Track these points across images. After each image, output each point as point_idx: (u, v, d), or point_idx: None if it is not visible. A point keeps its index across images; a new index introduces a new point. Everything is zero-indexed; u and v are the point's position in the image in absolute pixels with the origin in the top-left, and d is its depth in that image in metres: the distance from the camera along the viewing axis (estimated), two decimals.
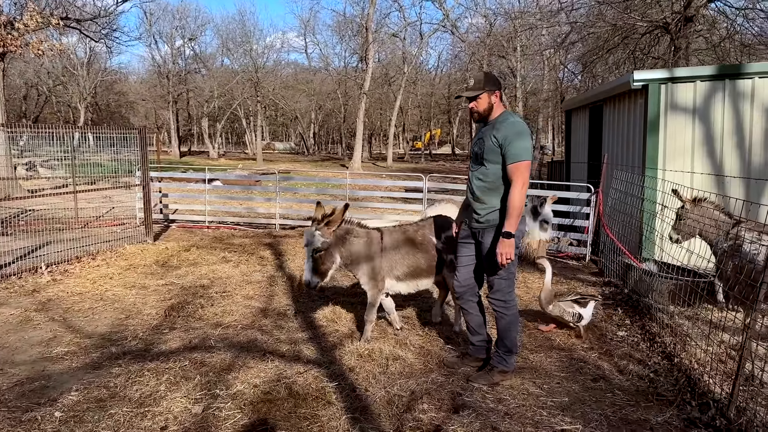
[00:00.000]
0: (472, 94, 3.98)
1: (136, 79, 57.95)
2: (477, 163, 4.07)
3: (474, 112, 4.05)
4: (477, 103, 4.00)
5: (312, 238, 4.42)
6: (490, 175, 3.98)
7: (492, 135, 3.91)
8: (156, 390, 3.89)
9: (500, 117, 4.00)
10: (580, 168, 12.43)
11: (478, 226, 4.10)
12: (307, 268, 4.46)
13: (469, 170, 4.21)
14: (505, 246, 3.83)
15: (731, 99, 7.75)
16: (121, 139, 9.46)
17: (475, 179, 4.07)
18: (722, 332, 4.89)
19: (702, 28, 18.11)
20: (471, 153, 4.21)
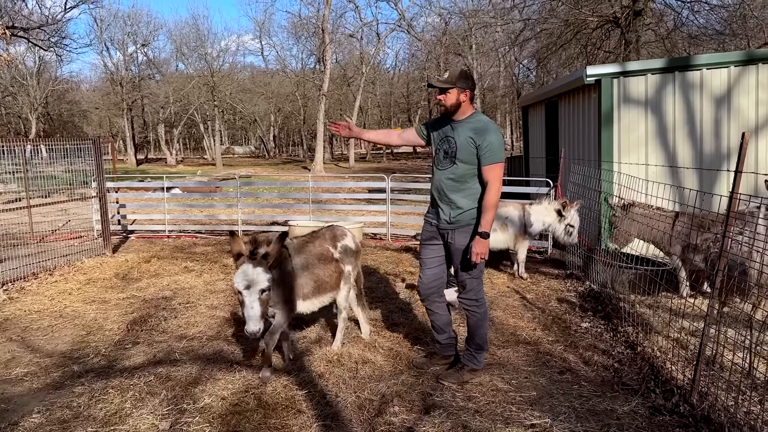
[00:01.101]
0: (442, 86, 3.90)
1: (88, 87, 56.60)
2: (447, 163, 3.99)
3: (441, 105, 3.99)
4: (445, 97, 3.92)
5: (257, 277, 3.68)
6: (462, 175, 3.94)
7: (468, 135, 3.89)
8: (121, 408, 3.80)
9: (473, 118, 3.97)
10: (538, 163, 12.62)
11: (448, 227, 4.05)
12: (253, 315, 3.65)
13: (434, 169, 4.11)
14: (482, 245, 3.87)
15: (682, 91, 7.98)
16: (75, 150, 9.22)
17: (444, 179, 4.00)
18: (682, 319, 5.03)
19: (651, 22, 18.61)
20: (435, 152, 4.12)
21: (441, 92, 3.92)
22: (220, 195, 13.16)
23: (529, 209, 7.37)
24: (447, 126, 4.04)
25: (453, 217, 4.01)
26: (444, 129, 4.06)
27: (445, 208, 4.03)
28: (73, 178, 9.99)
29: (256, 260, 3.75)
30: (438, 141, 4.10)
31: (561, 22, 18.05)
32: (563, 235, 7.26)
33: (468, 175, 3.94)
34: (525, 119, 14.78)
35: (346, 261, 4.73)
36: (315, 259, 4.46)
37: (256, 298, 3.67)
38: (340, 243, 4.73)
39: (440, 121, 4.13)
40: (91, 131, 54.21)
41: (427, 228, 4.24)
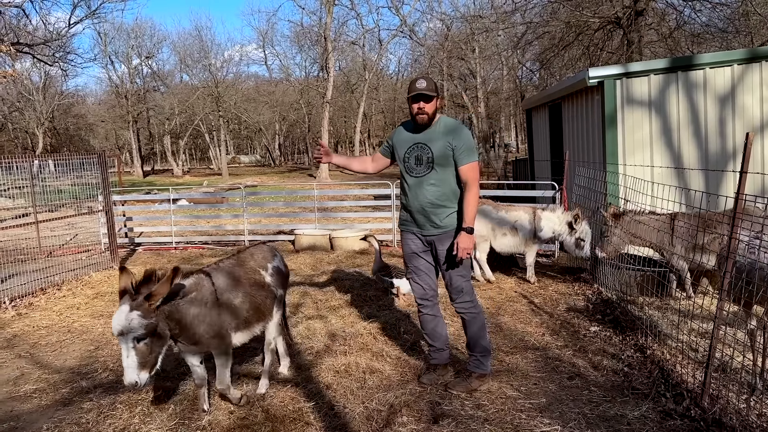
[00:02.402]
0: (432, 94, 3.87)
1: (93, 100, 57.00)
2: (423, 169, 3.97)
3: (424, 112, 3.90)
4: (429, 106, 3.90)
5: (129, 324, 3.13)
6: (443, 179, 3.96)
7: (443, 139, 3.91)
8: (129, 423, 3.80)
9: (442, 121, 4.00)
10: (543, 166, 12.59)
11: (437, 232, 4.04)
12: (129, 365, 3.17)
13: (407, 178, 4.06)
14: (468, 240, 3.89)
15: (685, 90, 7.94)
16: (81, 163, 9.28)
17: (428, 186, 3.97)
18: (691, 321, 4.99)
19: (653, 21, 18.55)
20: (404, 160, 4.05)
21: (426, 100, 3.88)
22: (226, 205, 13.20)
23: (540, 214, 7.31)
24: (414, 133, 4.03)
25: (441, 221, 4.01)
26: (411, 136, 4.05)
27: (430, 215, 4.00)
28: (80, 192, 10.06)
29: (136, 302, 3.19)
30: (406, 150, 4.05)
31: (563, 24, 18.04)
32: (574, 248, 7.18)
33: (448, 178, 3.97)
34: (529, 122, 14.76)
35: (279, 284, 4.32)
36: (245, 285, 3.95)
37: (130, 347, 3.17)
38: (271, 264, 4.29)
39: (402, 131, 4.13)
40: (97, 144, 54.54)
41: (411, 239, 4.18)
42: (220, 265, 3.98)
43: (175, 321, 3.41)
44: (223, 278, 3.82)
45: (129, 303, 3.19)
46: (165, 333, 3.35)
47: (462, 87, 38.68)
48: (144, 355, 3.21)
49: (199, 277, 3.67)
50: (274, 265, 4.30)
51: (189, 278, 3.59)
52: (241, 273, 3.99)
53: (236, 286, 3.86)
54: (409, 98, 3.94)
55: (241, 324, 3.86)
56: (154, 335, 3.25)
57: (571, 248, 7.22)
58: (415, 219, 4.08)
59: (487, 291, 6.88)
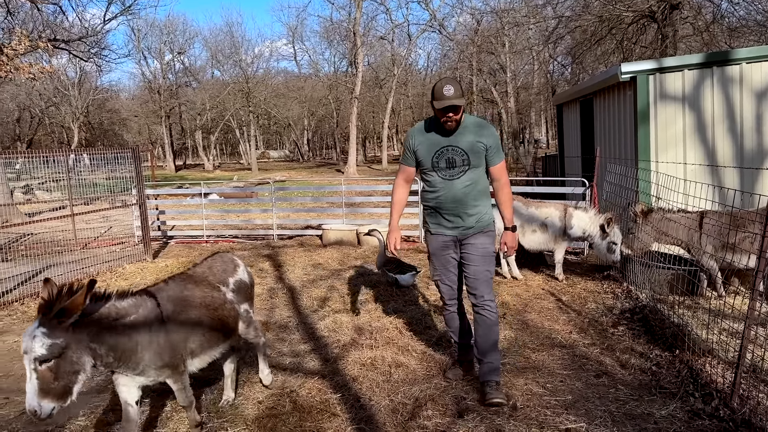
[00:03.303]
0: (461, 102, 3.70)
1: (127, 95, 58.05)
2: (456, 171, 3.89)
3: (453, 121, 3.77)
4: (459, 113, 3.77)
5: (31, 342, 2.72)
6: (478, 179, 3.95)
7: (474, 139, 3.85)
8: (161, 411, 3.90)
9: (468, 121, 3.92)
10: (574, 162, 12.46)
11: (472, 232, 4.00)
12: (30, 389, 2.72)
13: (437, 180, 3.96)
14: (513, 238, 4.00)
15: (720, 86, 7.79)
16: (115, 157, 9.51)
17: (461, 186, 3.91)
18: (722, 320, 4.91)
19: (688, 15, 18.17)
20: (433, 165, 3.93)
21: (455, 111, 3.73)
22: (255, 200, 13.37)
23: (572, 212, 7.22)
24: (441, 135, 3.90)
25: (477, 221, 3.99)
26: (438, 138, 3.92)
27: (464, 216, 3.97)
28: (114, 186, 10.30)
29: (46, 319, 2.75)
30: (434, 153, 3.92)
31: (595, 18, 17.77)
32: (605, 252, 7.00)
33: (481, 178, 3.97)
34: (560, 118, 14.61)
35: (242, 298, 3.88)
36: (200, 306, 3.48)
37: (32, 369, 2.71)
38: (233, 278, 3.85)
39: (426, 134, 3.98)
40: (130, 139, 55.60)
41: (441, 240, 4.10)
42: (170, 283, 3.49)
43: (107, 347, 2.92)
44: (171, 299, 3.34)
45: (40, 319, 2.77)
46: (81, 360, 2.82)
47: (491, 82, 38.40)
48: (47, 380, 2.71)
49: (139, 299, 3.17)
50: (237, 278, 3.87)
51: (127, 299, 3.11)
52: (194, 292, 3.51)
53: (188, 306, 3.40)
54: (436, 107, 3.75)
55: (197, 349, 3.41)
56: (63, 359, 2.74)
57: (602, 251, 7.08)
58: (448, 220, 4.01)
59: (513, 288, 6.86)
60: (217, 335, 3.56)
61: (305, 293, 6.84)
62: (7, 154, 10.43)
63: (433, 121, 3.94)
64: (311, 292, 6.90)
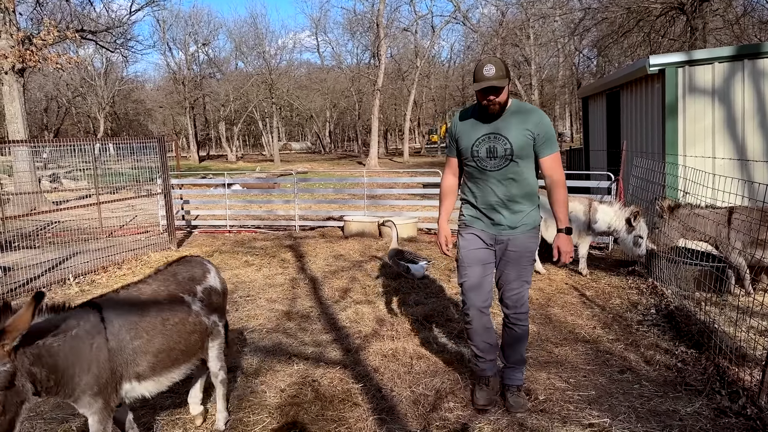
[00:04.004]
0: (503, 83, 3.32)
1: (152, 86, 58.68)
2: (500, 162, 3.47)
3: (495, 104, 3.38)
4: (501, 96, 3.37)
5: None
6: (524, 172, 3.52)
7: (522, 126, 3.43)
8: (185, 399, 3.94)
9: (515, 106, 3.52)
10: (599, 156, 12.31)
11: (512, 233, 3.59)
12: None
13: (478, 173, 3.57)
14: (568, 243, 3.58)
15: (751, 79, 7.62)
16: (141, 147, 9.62)
17: (505, 181, 3.51)
18: (750, 318, 4.83)
19: (718, 7, 17.81)
20: (472, 155, 3.54)
21: (496, 93, 3.35)
22: (277, 191, 13.44)
23: (597, 206, 7.13)
24: (483, 122, 3.52)
25: (520, 220, 3.59)
26: (479, 126, 3.53)
27: (506, 213, 3.56)
28: (139, 175, 10.43)
29: None
30: (474, 141, 3.53)
31: (623, 10, 17.49)
32: (632, 246, 6.90)
33: (527, 172, 3.52)
34: (585, 110, 14.43)
35: (212, 308, 3.34)
36: (156, 318, 2.98)
37: None
38: (201, 285, 3.32)
39: (467, 121, 3.59)
40: (155, 129, 56.24)
41: (476, 239, 3.67)
42: (121, 293, 3.03)
43: (47, 370, 2.51)
44: (119, 312, 2.87)
45: None
46: (25, 387, 2.42)
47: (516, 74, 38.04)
48: None
49: (81, 312, 2.76)
50: (206, 285, 3.35)
51: (67, 312, 2.71)
52: (150, 304, 3.01)
53: (139, 321, 2.91)
54: (475, 89, 3.41)
55: (147, 372, 2.91)
56: (10, 388, 2.34)
57: (628, 245, 7.00)
58: (488, 216, 3.61)
59: (537, 282, 6.81)
60: (177, 354, 3.05)
61: (327, 284, 6.87)
62: (34, 142, 10.59)
63: (476, 107, 3.56)
64: (333, 282, 6.92)
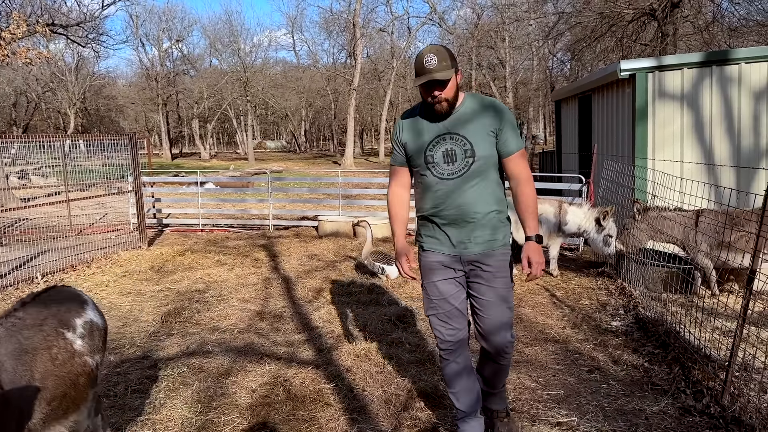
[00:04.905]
0: (447, 75, 2.80)
1: (124, 82, 57.86)
2: (464, 167, 2.92)
3: (442, 102, 2.86)
4: (447, 90, 2.85)
5: None
6: (490, 178, 2.99)
7: (480, 122, 2.93)
8: (155, 398, 3.91)
9: (470, 100, 3.00)
10: (571, 158, 12.48)
11: (483, 249, 3.00)
12: None
13: (435, 181, 2.98)
14: (539, 252, 2.94)
15: (719, 85, 7.80)
16: (112, 144, 9.48)
17: (469, 189, 2.94)
18: (715, 319, 4.94)
19: (688, 13, 18.18)
20: (430, 159, 2.96)
21: (440, 87, 2.84)
22: (251, 190, 13.36)
23: (567, 208, 7.24)
24: (434, 122, 2.98)
25: (491, 234, 3.00)
26: (431, 126, 2.98)
27: (475, 227, 2.97)
28: (110, 172, 10.27)
29: None
30: (428, 144, 2.97)
31: (596, 15, 17.76)
32: (602, 245, 7.03)
33: (492, 174, 2.99)
34: (558, 114, 14.62)
35: (95, 347, 2.66)
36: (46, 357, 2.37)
37: None
38: (81, 319, 2.64)
39: (416, 122, 3.05)
40: (127, 126, 55.42)
41: (436, 259, 3.07)
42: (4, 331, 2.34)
43: None
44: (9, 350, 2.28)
45: None
46: None
47: (491, 77, 38.37)
48: None
49: None
50: (87, 319, 2.67)
51: None
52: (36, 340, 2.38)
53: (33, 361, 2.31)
54: (416, 84, 2.90)
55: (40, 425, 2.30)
56: None
57: (597, 245, 7.12)
58: (449, 235, 3.01)
59: None
60: (68, 403, 2.42)
61: (300, 284, 6.85)
62: (3, 138, 10.38)
63: (423, 105, 3.01)
64: (306, 282, 6.91)
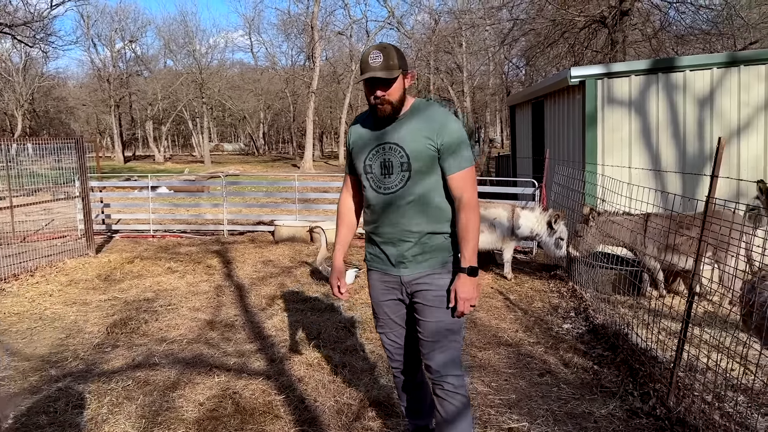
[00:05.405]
0: (391, 75, 2.55)
1: (75, 83, 56.22)
2: (400, 181, 2.66)
3: (384, 102, 2.60)
4: (391, 91, 2.59)
5: None
6: (428, 194, 2.68)
7: (421, 133, 2.63)
8: (98, 413, 3.77)
9: (416, 107, 2.71)
10: (525, 163, 12.66)
11: (420, 272, 2.73)
12: None
13: (373, 195, 2.73)
14: (470, 287, 2.67)
15: (665, 92, 8.01)
16: (60, 147, 9.17)
17: (404, 204, 2.67)
18: (661, 320, 5.06)
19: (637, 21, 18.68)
20: (368, 169, 2.73)
21: (384, 86, 2.59)
22: (206, 194, 13.11)
23: (519, 212, 7.35)
24: (375, 129, 2.73)
25: (427, 256, 2.74)
26: (372, 134, 2.74)
27: (409, 247, 2.71)
28: (58, 177, 9.92)
29: None
30: (367, 154, 2.73)
31: (548, 22, 18.08)
32: (553, 247, 7.22)
33: (433, 191, 2.68)
34: (512, 119, 14.82)
35: None
36: None
37: None
38: None
39: (360, 128, 2.82)
40: (78, 128, 53.83)
41: (381, 281, 2.86)
42: None
43: None
44: None
45: None
46: None
47: (448, 81, 38.72)
48: None
49: None
50: None
51: None
52: None
53: None
54: (363, 81, 2.63)
55: None
56: None
57: (550, 247, 7.27)
58: (386, 253, 2.78)
59: None
60: None
61: (254, 291, 6.74)
62: None
63: (371, 110, 2.75)
64: (260, 289, 6.80)
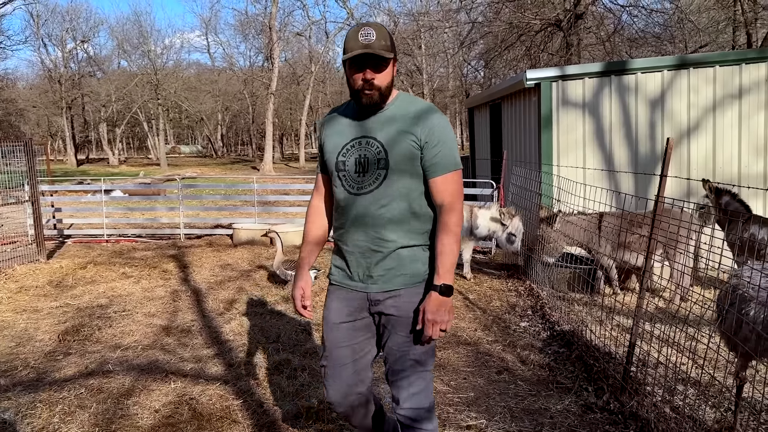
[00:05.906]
0: (388, 54, 2.21)
1: (25, 84, 54.41)
2: (375, 180, 2.28)
3: (373, 89, 2.23)
4: (382, 76, 2.24)
5: None
6: (406, 196, 2.30)
7: (402, 128, 2.27)
8: (49, 423, 3.65)
9: (401, 100, 2.36)
10: (484, 164, 12.82)
11: (390, 289, 2.34)
12: None
13: (344, 195, 2.34)
14: (442, 309, 2.28)
15: (618, 94, 8.22)
16: (9, 151, 8.86)
17: (377, 208, 2.29)
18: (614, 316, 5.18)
19: (592, 25, 19.13)
20: (341, 165, 2.34)
21: (376, 67, 2.22)
22: (162, 197, 12.86)
23: (477, 212, 7.46)
24: (355, 120, 2.36)
25: (400, 270, 2.33)
26: (349, 126, 2.37)
27: (379, 258, 2.32)
28: (7, 181, 9.58)
29: None
30: (341, 148, 2.36)
31: (505, 25, 18.37)
32: (506, 243, 7.42)
33: (411, 194, 2.31)
34: (471, 121, 14.98)
35: None
36: None
37: None
38: None
39: (336, 120, 2.44)
40: (28, 131, 52.12)
41: (340, 299, 2.44)
42: None
43: None
44: None
45: None
46: None
47: (408, 83, 38.92)
48: None
49: None
50: None
51: None
52: None
53: None
54: (349, 61, 2.23)
55: None
56: None
57: (503, 243, 7.48)
58: (350, 265, 2.39)
59: None
60: None
61: (211, 295, 6.64)
62: None
63: (350, 102, 2.41)
64: (218, 294, 6.70)
